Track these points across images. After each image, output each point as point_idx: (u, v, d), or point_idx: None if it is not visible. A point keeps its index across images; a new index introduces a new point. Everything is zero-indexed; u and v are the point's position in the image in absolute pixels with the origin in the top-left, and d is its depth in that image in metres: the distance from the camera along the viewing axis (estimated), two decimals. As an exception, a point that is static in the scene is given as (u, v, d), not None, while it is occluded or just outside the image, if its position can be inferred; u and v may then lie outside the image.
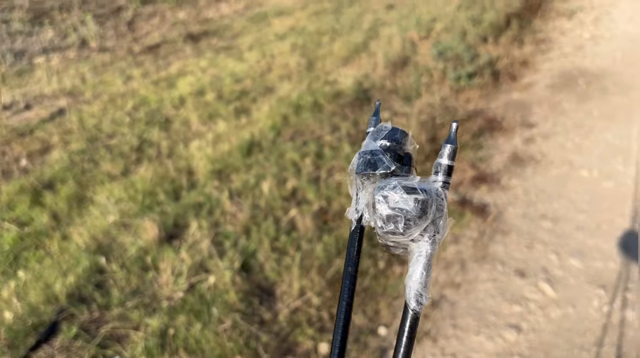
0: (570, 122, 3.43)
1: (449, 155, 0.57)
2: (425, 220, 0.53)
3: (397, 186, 0.54)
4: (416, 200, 0.53)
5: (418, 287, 0.55)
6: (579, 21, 5.15)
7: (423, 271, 0.55)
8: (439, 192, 0.55)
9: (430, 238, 0.55)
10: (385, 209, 0.53)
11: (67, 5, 6.38)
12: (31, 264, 2.38)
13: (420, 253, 0.55)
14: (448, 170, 0.56)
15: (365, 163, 0.61)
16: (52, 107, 3.94)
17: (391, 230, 0.53)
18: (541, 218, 2.63)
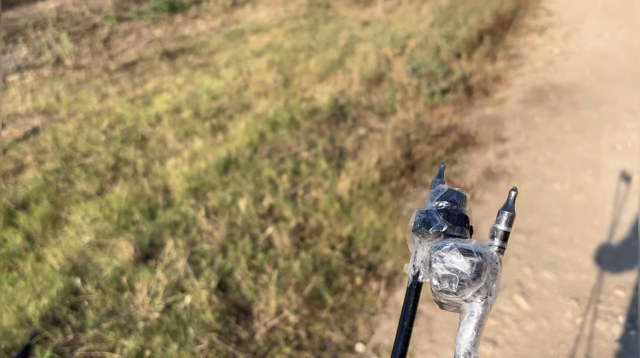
0: (542, 136, 3.49)
1: (506, 221, 0.59)
2: (479, 282, 0.55)
3: (454, 247, 0.55)
4: (471, 263, 0.54)
5: (467, 346, 0.57)
6: (549, 37, 5.26)
7: (474, 331, 0.57)
8: (494, 256, 0.57)
9: (482, 299, 0.57)
10: (441, 269, 0.55)
11: (41, 22, 6.34)
12: (4, 286, 2.35)
13: (472, 313, 0.57)
14: (504, 236, 0.58)
15: (421, 221, 0.63)
16: (26, 126, 3.91)
17: (445, 289, 0.55)
18: (515, 232, 2.67)
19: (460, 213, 0.64)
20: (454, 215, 0.63)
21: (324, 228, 2.64)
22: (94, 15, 6.68)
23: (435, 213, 0.62)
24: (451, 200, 0.64)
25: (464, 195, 0.66)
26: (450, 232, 0.60)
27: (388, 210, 2.76)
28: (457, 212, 0.63)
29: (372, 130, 3.54)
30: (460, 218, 0.63)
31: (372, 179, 3.00)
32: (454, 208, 0.63)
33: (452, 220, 0.62)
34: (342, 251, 2.49)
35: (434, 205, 0.65)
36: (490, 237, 0.59)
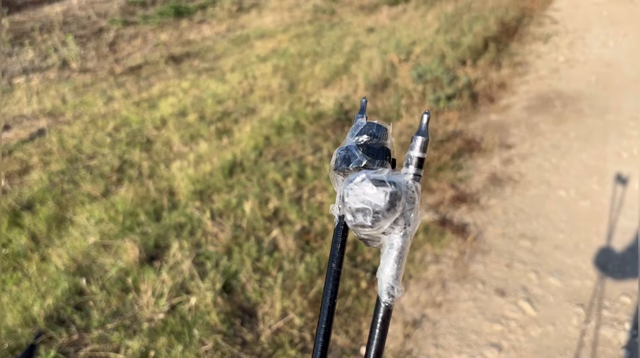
0: (548, 143, 3.49)
1: (420, 147, 0.56)
2: (394, 213, 0.53)
3: (366, 179, 0.53)
4: (385, 193, 0.52)
5: (390, 280, 0.55)
6: (554, 45, 5.27)
7: (394, 264, 0.54)
8: (409, 184, 0.54)
9: (401, 230, 0.54)
10: (354, 202, 0.53)
11: (48, 26, 6.37)
12: (8, 286, 2.35)
13: (391, 246, 0.54)
14: (419, 162, 0.56)
15: (341, 159, 0.61)
16: (32, 128, 3.92)
17: (360, 223, 0.53)
18: (520, 238, 2.66)
19: (381, 147, 0.62)
20: (374, 148, 0.60)
21: (329, 232, 2.63)
22: (100, 19, 6.70)
23: (354, 148, 0.60)
24: (371, 133, 0.62)
25: (384, 127, 0.63)
26: (370, 166, 0.58)
27: (393, 215, 2.75)
28: (377, 146, 0.61)
29: (377, 135, 3.54)
30: (381, 151, 0.61)
31: (378, 184, 2.99)
32: (374, 142, 0.61)
33: (371, 154, 0.60)
34: (347, 255, 2.49)
35: (353, 141, 0.62)
36: (405, 165, 0.56)
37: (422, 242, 2.61)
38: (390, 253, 0.55)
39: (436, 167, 3.19)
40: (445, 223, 2.75)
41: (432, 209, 2.85)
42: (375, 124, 0.62)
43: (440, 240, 2.61)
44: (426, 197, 2.96)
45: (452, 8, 6.31)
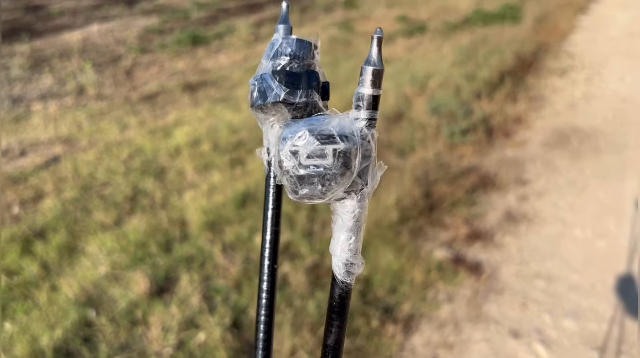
0: (564, 181, 3.46)
1: (372, 81, 0.43)
2: (349, 176, 0.42)
3: (306, 134, 0.41)
4: (335, 152, 0.41)
5: (347, 255, 0.46)
6: (570, 80, 5.26)
7: (352, 235, 0.45)
8: (364, 134, 0.43)
9: (357, 193, 0.44)
10: (295, 169, 0.41)
11: (67, 53, 6.47)
12: (19, 316, 2.34)
13: (346, 213, 0.45)
14: (373, 102, 0.43)
15: (257, 93, 0.50)
16: (48, 155, 3.95)
17: (307, 195, 0.42)
18: (535, 278, 2.62)
19: (305, 71, 0.50)
20: (295, 74, 0.49)
21: (340, 267, 2.61)
22: (118, 47, 6.80)
23: (269, 77, 0.49)
24: (290, 53, 0.50)
25: (308, 42, 0.51)
26: (291, 99, 0.48)
27: (406, 251, 2.72)
28: (299, 70, 0.50)
29: (391, 169, 3.53)
30: (304, 77, 0.49)
31: (390, 219, 2.97)
32: (296, 65, 0.50)
33: (292, 83, 0.48)
34: (358, 292, 2.46)
35: (270, 65, 0.51)
36: (356, 107, 0.44)
37: (435, 280, 2.57)
38: (346, 222, 0.45)
39: (450, 202, 3.17)
40: (459, 261, 2.71)
41: (446, 246, 2.82)
42: (295, 39, 0.51)
43: (453, 279, 2.58)
44: (440, 233, 2.93)
45: (468, 41, 6.34)
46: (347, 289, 0.48)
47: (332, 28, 7.42)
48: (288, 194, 0.43)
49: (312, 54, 0.51)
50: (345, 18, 7.92)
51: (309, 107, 0.50)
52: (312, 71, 0.49)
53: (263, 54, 0.53)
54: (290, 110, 0.49)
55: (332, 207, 0.46)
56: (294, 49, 0.50)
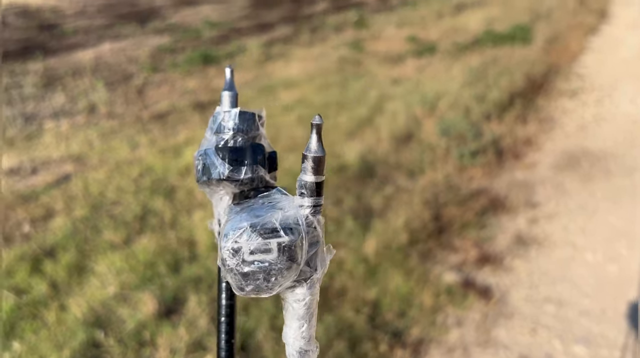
0: (574, 203, 3.44)
1: (313, 168, 0.43)
2: (296, 268, 0.41)
3: (249, 230, 0.40)
4: (280, 246, 0.40)
5: (301, 343, 0.45)
6: (580, 102, 5.25)
7: (304, 322, 0.45)
8: (309, 221, 0.42)
9: (307, 281, 0.43)
10: (239, 266, 0.40)
11: (79, 71, 6.54)
12: (27, 335, 2.34)
13: (296, 303, 0.44)
14: (317, 188, 0.43)
15: (202, 168, 0.48)
16: (59, 173, 3.98)
17: (252, 290, 0.41)
18: (545, 302, 2.60)
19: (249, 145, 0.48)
20: (239, 150, 0.47)
21: (348, 290, 2.60)
22: (130, 66, 6.87)
23: (213, 153, 0.47)
24: (233, 127, 0.49)
25: (251, 113, 0.50)
26: (235, 176, 0.46)
27: (415, 274, 2.71)
28: (243, 144, 0.48)
29: (400, 190, 3.52)
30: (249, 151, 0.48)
31: (399, 241, 2.96)
32: (240, 139, 0.49)
33: (235, 159, 0.46)
34: (366, 315, 2.44)
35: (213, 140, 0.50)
36: (299, 194, 0.43)
37: (444, 304, 2.55)
38: (297, 310, 0.44)
39: (460, 224, 3.16)
40: (468, 284, 2.69)
41: (455, 269, 2.81)
42: (237, 112, 0.50)
43: (462, 302, 2.56)
44: (449, 256, 2.91)
45: (478, 61, 6.36)
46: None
47: (342, 47, 7.46)
48: (234, 290, 0.42)
49: (257, 126, 0.50)
50: (355, 38, 7.97)
51: (254, 181, 0.49)
52: (256, 144, 0.48)
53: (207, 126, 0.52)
54: (236, 185, 0.48)
55: (282, 295, 0.45)
56: (237, 121, 0.49)
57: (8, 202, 3.52)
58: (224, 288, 0.56)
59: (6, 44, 7.90)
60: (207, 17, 9.75)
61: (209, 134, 0.51)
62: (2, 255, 2.94)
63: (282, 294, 0.45)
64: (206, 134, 0.51)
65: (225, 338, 0.56)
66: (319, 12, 10.19)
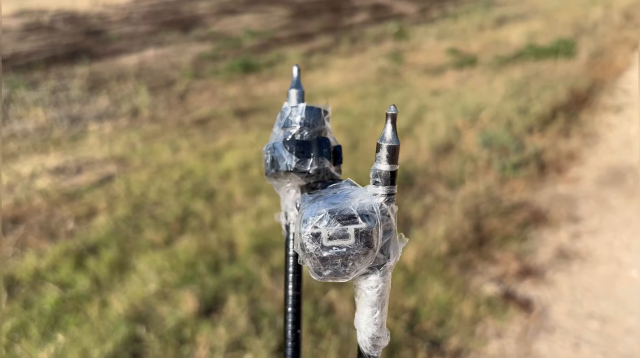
0: (618, 219, 3.36)
1: (388, 157, 0.43)
2: (372, 254, 0.42)
3: (328, 216, 0.41)
4: (357, 232, 0.41)
5: (373, 330, 0.46)
6: (626, 117, 5.14)
7: (376, 309, 0.45)
8: (383, 209, 0.43)
9: (380, 268, 0.44)
10: (318, 251, 0.41)
11: (123, 75, 6.68)
12: (70, 328, 2.39)
13: (370, 289, 0.45)
14: (391, 177, 0.43)
15: (270, 161, 0.50)
16: (102, 173, 4.06)
17: (330, 274, 0.42)
18: (588, 318, 2.54)
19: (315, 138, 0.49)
20: (305, 143, 0.48)
21: (387, 296, 2.58)
22: (172, 72, 6.99)
23: (281, 146, 0.49)
24: (300, 121, 0.50)
25: (317, 108, 0.51)
26: (302, 168, 0.48)
27: (455, 284, 2.68)
28: (309, 137, 0.49)
29: (440, 200, 3.50)
30: (315, 145, 0.49)
31: (439, 250, 2.94)
32: (306, 133, 0.50)
33: (303, 152, 0.48)
34: (405, 322, 2.43)
35: (281, 134, 0.51)
36: (373, 183, 0.44)
37: (484, 315, 2.52)
38: (370, 296, 0.45)
39: (501, 236, 3.11)
40: (509, 296, 2.65)
41: (495, 280, 2.77)
42: (304, 106, 0.51)
43: (502, 314, 2.52)
44: (489, 267, 2.88)
45: (520, 74, 6.29)
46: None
47: (381, 58, 7.47)
48: (311, 275, 0.43)
49: (322, 120, 0.51)
50: (395, 49, 7.97)
51: (320, 173, 0.50)
52: (322, 138, 0.50)
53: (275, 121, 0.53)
54: (303, 177, 0.50)
55: (354, 283, 0.46)
56: (304, 116, 0.50)
57: (54, 199, 3.60)
58: (291, 279, 0.57)
59: (55, 49, 8.12)
60: (248, 26, 9.88)
61: (277, 128, 0.52)
62: (48, 251, 3.01)
63: (355, 281, 0.46)
64: (274, 129, 0.53)
65: (292, 328, 0.57)
66: (358, 23, 10.22)
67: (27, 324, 2.42)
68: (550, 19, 9.71)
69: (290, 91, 0.54)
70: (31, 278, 2.77)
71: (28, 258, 2.93)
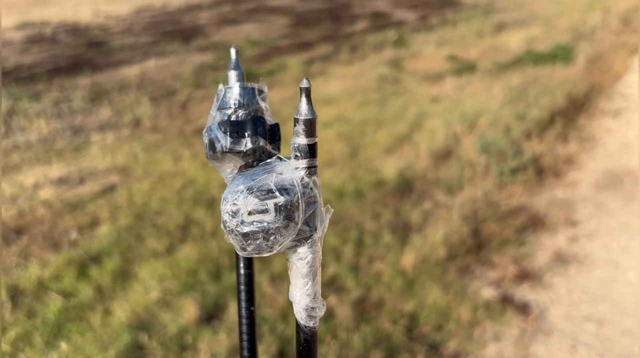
0: (616, 223, 3.39)
1: (305, 130, 0.43)
2: (294, 227, 0.43)
3: (244, 191, 0.41)
4: (277, 207, 0.41)
5: (306, 301, 0.47)
6: (624, 121, 5.18)
7: (308, 280, 0.46)
8: (305, 182, 0.43)
9: (307, 240, 0.45)
10: (238, 226, 0.42)
11: (125, 86, 6.74)
12: (74, 336, 2.42)
13: (299, 261, 0.46)
14: (309, 149, 0.43)
15: (208, 144, 0.50)
16: (105, 183, 4.11)
17: (254, 249, 0.43)
18: (585, 320, 2.57)
19: (250, 118, 0.50)
20: (239, 123, 0.48)
21: (385, 302, 2.62)
22: (174, 82, 7.05)
23: (216, 128, 0.49)
24: (235, 102, 0.50)
25: (251, 88, 0.52)
26: (236, 148, 0.48)
27: (453, 289, 2.71)
28: (244, 117, 0.50)
29: (438, 206, 3.53)
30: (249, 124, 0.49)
31: (437, 255, 2.97)
32: (241, 113, 0.50)
33: (237, 132, 0.48)
34: (404, 327, 2.46)
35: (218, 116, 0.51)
36: (294, 157, 0.44)
37: (482, 318, 2.55)
38: (300, 268, 0.46)
39: (499, 241, 3.14)
40: (507, 300, 2.68)
41: (493, 284, 2.80)
42: (237, 86, 0.51)
43: (500, 318, 2.55)
44: (487, 271, 2.91)
45: (518, 80, 6.33)
46: (311, 332, 0.48)
47: (381, 66, 7.52)
48: (237, 251, 0.44)
49: (257, 100, 0.52)
50: (395, 57, 8.03)
51: (256, 152, 0.50)
52: (257, 117, 0.50)
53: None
54: (240, 157, 0.50)
55: (285, 255, 0.47)
56: (238, 97, 0.51)
57: (57, 210, 3.65)
58: (242, 258, 0.59)
59: (57, 60, 8.20)
60: (249, 36, 9.95)
61: (213, 111, 0.53)
62: (51, 260, 3.04)
63: (286, 254, 0.47)
64: (211, 111, 0.53)
65: (246, 305, 0.60)
66: (358, 31, 10.29)
67: (31, 333, 2.46)
68: (549, 25, 9.77)
69: (229, 72, 0.55)
70: (35, 288, 2.80)
71: (31, 268, 2.97)
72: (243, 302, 0.59)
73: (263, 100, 0.53)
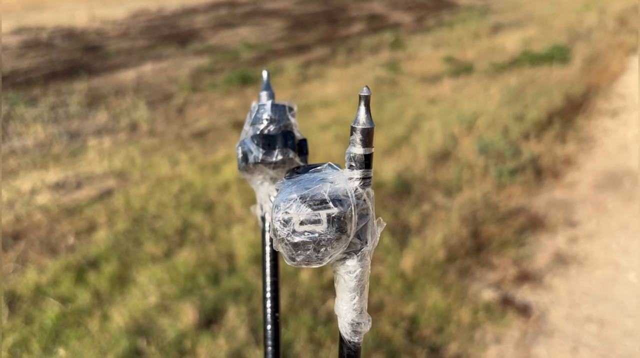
0: (615, 223, 3.38)
1: (362, 140, 0.42)
2: (345, 239, 0.42)
3: (298, 200, 0.40)
4: (329, 218, 0.40)
5: (353, 315, 0.45)
6: (622, 121, 5.17)
7: (355, 295, 0.45)
8: (359, 193, 0.43)
9: (357, 253, 0.44)
10: (289, 236, 0.41)
11: (122, 90, 6.72)
12: (72, 342, 2.40)
13: (347, 274, 0.44)
14: (365, 160, 0.43)
15: (241, 157, 0.53)
16: (102, 188, 4.09)
17: (303, 260, 0.42)
18: (586, 321, 2.55)
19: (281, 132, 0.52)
20: (271, 137, 0.51)
21: (385, 304, 2.60)
22: (170, 85, 7.03)
23: (249, 141, 0.51)
24: (267, 118, 0.53)
25: (282, 105, 0.54)
26: (269, 159, 0.50)
27: (453, 291, 2.70)
28: (275, 132, 0.52)
29: (437, 207, 3.52)
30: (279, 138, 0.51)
31: (437, 257, 2.96)
32: (272, 128, 0.53)
33: (269, 144, 0.51)
34: (404, 329, 2.44)
35: (251, 131, 0.54)
36: (348, 167, 0.43)
37: (483, 321, 2.53)
38: (348, 282, 0.45)
39: (498, 242, 3.13)
40: (507, 302, 2.67)
41: (493, 286, 2.78)
42: (270, 104, 0.53)
43: (501, 320, 2.53)
44: (487, 273, 2.89)
45: (516, 81, 6.33)
46: (355, 348, 0.47)
47: (378, 68, 7.51)
48: (285, 260, 0.43)
49: (287, 116, 0.54)
50: (392, 58, 8.02)
51: (286, 163, 0.53)
52: (287, 131, 0.53)
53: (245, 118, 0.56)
54: (270, 168, 0.52)
55: (333, 268, 0.46)
56: (270, 113, 0.53)
57: (54, 215, 3.63)
58: (269, 266, 0.60)
59: (53, 65, 8.18)
60: (245, 39, 9.94)
61: (247, 126, 0.55)
62: (49, 266, 3.02)
63: (334, 266, 0.46)
64: (245, 127, 0.55)
65: (271, 312, 0.60)
66: (355, 33, 10.29)
67: (29, 339, 2.44)
68: (545, 26, 9.78)
69: (261, 93, 0.58)
70: (32, 293, 2.78)
71: (29, 273, 2.94)
72: (269, 308, 0.59)
73: (292, 117, 0.55)
